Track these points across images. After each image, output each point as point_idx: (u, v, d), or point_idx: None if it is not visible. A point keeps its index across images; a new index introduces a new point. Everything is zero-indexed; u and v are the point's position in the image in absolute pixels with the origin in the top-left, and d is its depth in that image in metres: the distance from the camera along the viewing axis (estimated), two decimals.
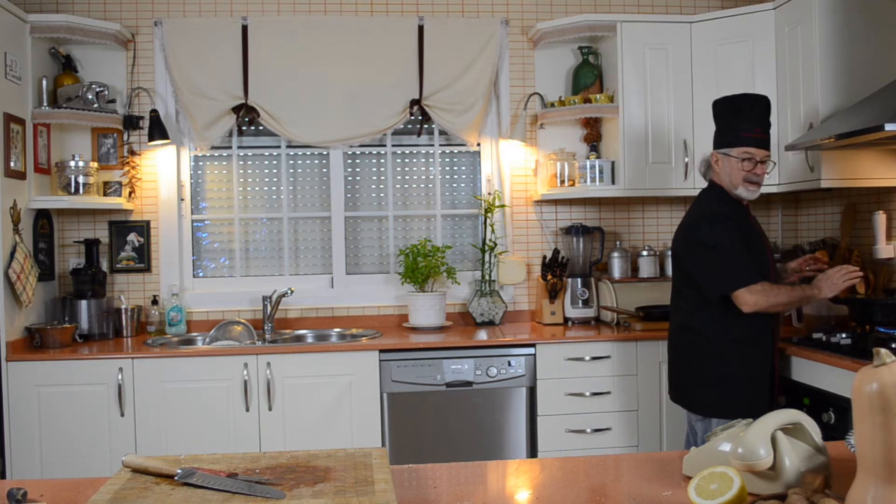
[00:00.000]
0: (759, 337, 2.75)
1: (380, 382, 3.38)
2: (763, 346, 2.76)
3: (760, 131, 2.74)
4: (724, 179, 2.78)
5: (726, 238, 2.71)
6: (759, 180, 2.75)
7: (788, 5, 3.39)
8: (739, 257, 2.69)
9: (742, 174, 2.74)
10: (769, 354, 2.78)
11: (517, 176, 4.10)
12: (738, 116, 2.76)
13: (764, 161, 2.76)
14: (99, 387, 3.28)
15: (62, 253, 3.86)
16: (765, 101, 2.80)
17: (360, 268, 4.15)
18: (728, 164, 2.77)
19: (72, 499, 1.30)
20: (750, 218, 2.86)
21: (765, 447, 1.18)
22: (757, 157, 2.73)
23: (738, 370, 2.73)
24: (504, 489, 1.38)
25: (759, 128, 2.74)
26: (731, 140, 2.77)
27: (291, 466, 1.34)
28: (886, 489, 1.03)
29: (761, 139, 2.75)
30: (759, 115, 2.75)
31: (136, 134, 3.89)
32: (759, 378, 2.76)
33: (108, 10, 3.89)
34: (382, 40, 3.96)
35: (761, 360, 2.76)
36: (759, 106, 2.77)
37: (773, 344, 2.79)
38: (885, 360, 1.05)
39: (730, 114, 2.79)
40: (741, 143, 2.73)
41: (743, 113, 2.75)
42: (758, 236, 2.83)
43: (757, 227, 2.88)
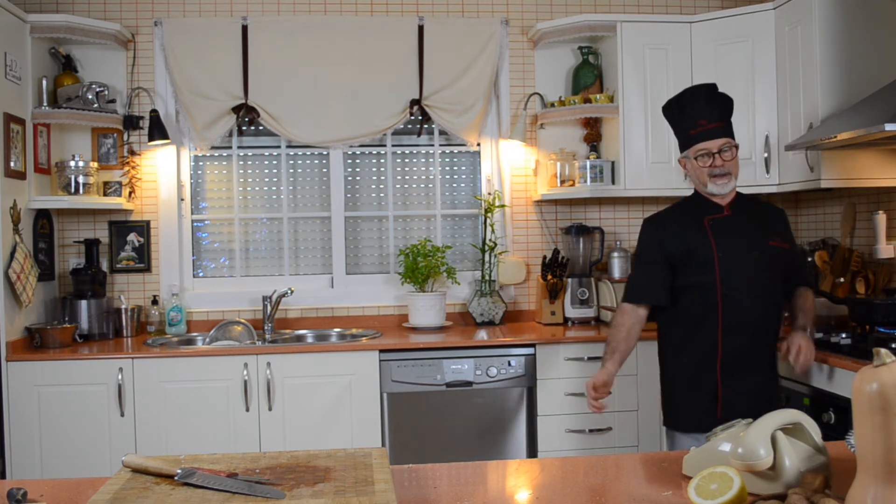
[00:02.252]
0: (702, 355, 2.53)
1: (380, 382, 3.38)
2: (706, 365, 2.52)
3: (706, 122, 2.54)
4: (694, 181, 2.63)
5: (643, 245, 2.66)
6: (725, 171, 2.53)
7: (788, 5, 3.39)
8: (642, 267, 2.62)
9: (704, 171, 2.54)
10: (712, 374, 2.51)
11: (517, 176, 4.10)
12: (682, 116, 2.61)
13: (725, 150, 2.53)
14: (99, 387, 3.28)
15: (62, 253, 3.86)
16: (704, 89, 2.61)
17: (360, 268, 4.15)
18: (691, 167, 2.60)
19: (72, 499, 1.30)
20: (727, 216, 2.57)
21: (765, 447, 1.18)
22: (713, 149, 2.52)
23: (683, 385, 2.57)
24: (504, 489, 1.38)
25: (703, 119, 2.54)
26: (683, 142, 2.61)
27: (291, 466, 1.34)
28: (886, 489, 1.03)
29: (710, 130, 2.54)
30: (702, 107, 2.56)
31: (136, 134, 3.89)
32: (703, 397, 2.52)
33: (108, 10, 3.89)
34: (382, 40, 3.96)
35: (705, 378, 2.52)
36: (700, 96, 2.58)
37: (716, 362, 2.51)
38: (885, 360, 1.05)
39: (676, 116, 2.66)
40: (691, 142, 2.57)
41: (685, 111, 2.60)
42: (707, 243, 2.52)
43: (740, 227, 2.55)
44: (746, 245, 2.53)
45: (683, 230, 2.58)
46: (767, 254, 2.53)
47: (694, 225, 2.57)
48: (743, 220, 2.58)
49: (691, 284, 2.55)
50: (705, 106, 2.56)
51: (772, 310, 2.57)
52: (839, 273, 3.49)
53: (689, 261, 2.54)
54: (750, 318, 2.51)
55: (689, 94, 2.60)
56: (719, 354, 2.51)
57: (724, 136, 2.53)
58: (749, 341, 2.52)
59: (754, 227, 2.57)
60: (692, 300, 2.56)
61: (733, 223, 2.56)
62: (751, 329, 2.53)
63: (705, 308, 2.52)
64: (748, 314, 2.51)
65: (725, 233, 2.54)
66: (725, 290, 2.50)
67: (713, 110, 2.55)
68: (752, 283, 2.51)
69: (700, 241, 2.54)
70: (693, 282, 2.54)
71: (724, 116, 2.57)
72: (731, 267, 2.50)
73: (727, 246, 2.53)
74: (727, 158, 2.52)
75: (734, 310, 2.49)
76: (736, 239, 2.54)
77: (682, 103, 2.61)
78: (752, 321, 2.52)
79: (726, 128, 2.56)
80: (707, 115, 2.54)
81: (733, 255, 2.52)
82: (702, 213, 2.59)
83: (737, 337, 2.51)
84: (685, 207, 2.67)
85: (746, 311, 2.50)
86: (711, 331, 2.52)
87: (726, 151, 2.52)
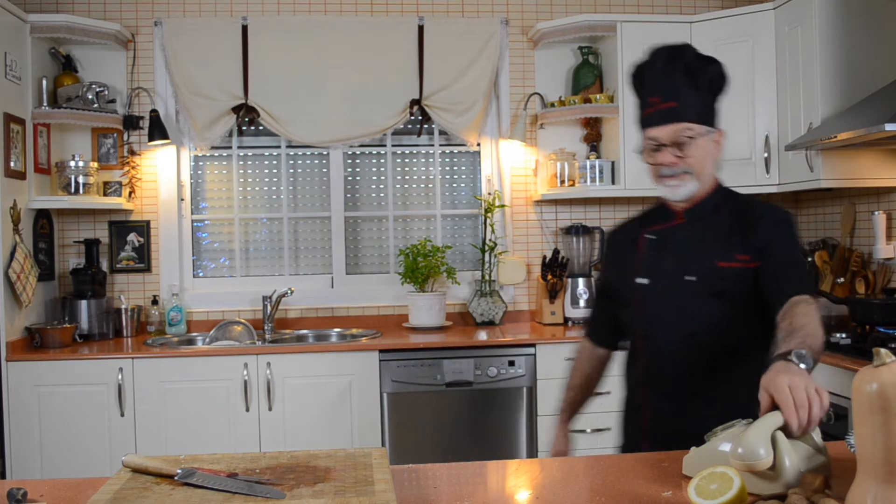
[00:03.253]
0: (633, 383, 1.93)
1: (380, 382, 3.38)
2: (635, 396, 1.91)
3: (659, 100, 1.79)
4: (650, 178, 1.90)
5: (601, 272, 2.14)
6: (676, 170, 1.77)
7: (788, 5, 3.39)
8: (596, 300, 2.12)
9: (653, 169, 1.84)
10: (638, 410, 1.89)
11: (517, 176, 4.10)
12: (642, 88, 1.88)
13: (676, 143, 1.76)
14: (99, 387, 3.27)
15: (62, 253, 3.86)
16: (664, 52, 1.82)
17: (360, 268, 4.15)
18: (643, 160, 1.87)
19: (72, 499, 1.30)
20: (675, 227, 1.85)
21: (765, 447, 1.18)
22: (661, 139, 1.78)
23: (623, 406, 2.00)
24: (504, 489, 1.38)
25: (656, 96, 1.80)
26: (640, 126, 1.88)
27: (291, 466, 1.34)
28: (886, 489, 1.03)
29: (661, 112, 1.78)
30: (658, 78, 1.81)
31: (136, 134, 3.89)
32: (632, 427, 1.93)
33: (108, 10, 3.89)
34: (382, 40, 3.96)
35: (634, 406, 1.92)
36: (658, 63, 1.82)
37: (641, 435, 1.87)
38: (885, 360, 1.05)
39: (636, 88, 1.91)
40: (642, 126, 1.85)
41: (645, 82, 1.86)
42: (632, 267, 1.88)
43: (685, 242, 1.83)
44: (678, 268, 1.79)
45: (622, 249, 1.96)
46: (710, 279, 1.75)
47: (632, 241, 1.93)
48: (697, 231, 1.82)
49: (623, 322, 1.94)
50: (661, 77, 1.81)
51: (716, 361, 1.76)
52: (839, 273, 3.49)
53: (616, 292, 1.94)
54: (677, 373, 1.78)
55: (651, 56, 1.86)
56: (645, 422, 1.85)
57: (679, 121, 1.76)
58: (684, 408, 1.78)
59: (707, 242, 1.79)
60: (627, 342, 1.96)
61: (677, 237, 1.84)
62: (683, 391, 1.78)
63: (632, 354, 1.91)
64: (673, 368, 1.78)
65: (659, 252, 1.84)
66: (644, 332, 1.83)
67: (670, 84, 1.78)
68: (680, 323, 1.77)
69: (629, 264, 1.90)
70: (622, 319, 1.93)
71: (687, 92, 1.78)
72: (653, 300, 1.82)
73: (654, 270, 1.83)
74: (682, 154, 1.77)
75: (655, 361, 1.82)
76: (668, 260, 1.82)
77: (642, 70, 1.88)
78: (682, 378, 1.78)
79: (687, 108, 1.77)
80: (663, 91, 1.79)
81: (659, 282, 1.82)
82: (648, 224, 1.92)
83: (665, 400, 1.81)
84: (646, 213, 1.99)
85: (669, 364, 1.79)
86: (638, 385, 1.88)
87: (684, 144, 1.76)
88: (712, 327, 1.75)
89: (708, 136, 1.78)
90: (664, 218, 1.89)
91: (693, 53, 1.81)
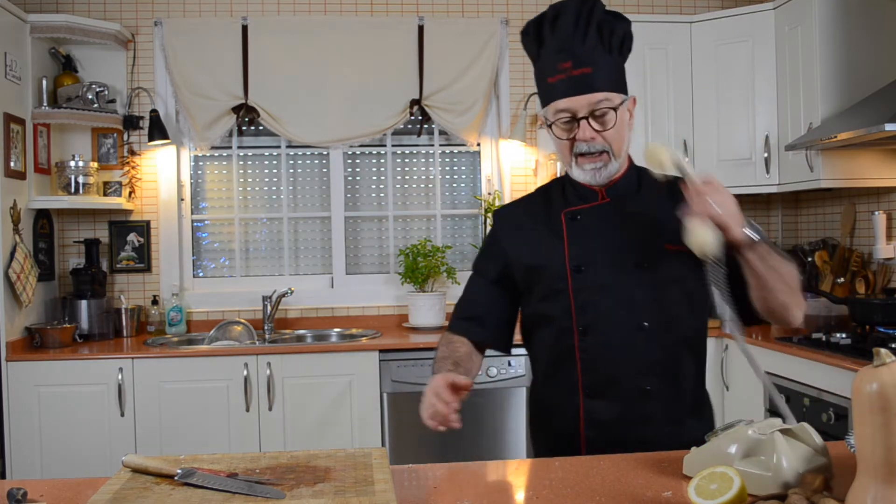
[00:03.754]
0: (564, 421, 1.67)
1: (380, 382, 3.38)
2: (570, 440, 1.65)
3: (572, 66, 1.53)
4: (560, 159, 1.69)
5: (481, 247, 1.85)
6: (596, 147, 1.56)
7: (788, 5, 3.39)
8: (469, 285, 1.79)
9: (566, 145, 1.59)
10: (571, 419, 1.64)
11: (517, 176, 4.10)
12: (541, 48, 1.60)
13: (600, 113, 1.54)
14: (99, 387, 3.27)
15: (62, 253, 3.86)
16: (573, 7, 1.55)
17: (360, 268, 4.15)
18: (551, 135, 1.63)
19: (72, 499, 1.30)
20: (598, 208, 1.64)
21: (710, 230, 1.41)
22: (578, 112, 1.54)
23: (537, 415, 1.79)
24: (504, 489, 1.38)
25: (566, 61, 1.53)
26: (541, 95, 1.63)
27: (291, 466, 1.34)
28: (886, 489, 1.03)
29: (574, 80, 1.53)
30: (567, 38, 1.54)
31: (136, 134, 3.89)
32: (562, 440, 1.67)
33: (108, 10, 3.89)
34: (382, 40, 3.96)
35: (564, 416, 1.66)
36: (566, 19, 1.54)
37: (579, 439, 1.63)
38: (885, 360, 1.05)
39: (533, 49, 1.63)
40: (548, 97, 1.59)
41: (547, 42, 1.58)
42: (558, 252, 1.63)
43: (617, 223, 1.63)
44: (620, 254, 1.60)
45: (532, 230, 1.70)
46: (660, 264, 1.57)
47: (546, 222, 1.68)
48: (627, 212, 1.63)
49: (541, 316, 1.68)
50: (572, 36, 1.54)
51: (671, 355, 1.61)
52: (839, 273, 3.49)
53: (534, 280, 1.67)
54: (623, 373, 1.59)
55: (552, 14, 1.58)
56: (581, 430, 1.63)
57: (596, 90, 1.53)
58: (632, 413, 1.60)
59: (645, 224, 1.60)
60: (544, 338, 1.68)
61: (606, 218, 1.63)
62: (632, 393, 1.59)
63: (559, 354, 1.64)
64: (620, 367, 1.59)
65: (589, 234, 1.63)
66: (583, 326, 1.60)
67: (582, 46, 1.53)
68: (626, 315, 1.58)
69: (550, 248, 1.65)
70: (542, 312, 1.67)
71: (601, 56, 1.54)
72: (592, 290, 1.60)
73: (588, 255, 1.61)
74: (601, 126, 1.55)
75: (596, 361, 1.60)
76: (604, 243, 1.62)
77: (540, 27, 1.60)
78: (631, 378, 1.59)
79: (603, 75, 1.54)
80: (573, 54, 1.53)
81: (597, 269, 1.60)
82: (564, 203, 1.68)
83: (606, 404, 1.60)
84: (548, 193, 1.76)
85: (614, 363, 1.59)
86: (570, 391, 1.63)
87: (602, 115, 1.54)
88: (664, 318, 1.58)
89: (623, 106, 1.57)
90: (580, 197, 1.66)
91: (602, 9, 1.56)
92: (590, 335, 1.59)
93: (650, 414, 1.59)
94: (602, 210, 1.64)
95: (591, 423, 1.61)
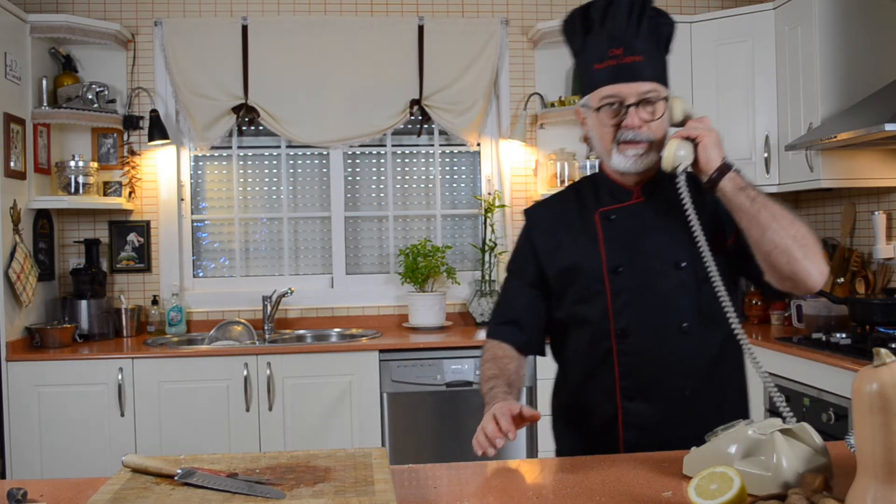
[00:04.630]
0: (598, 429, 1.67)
1: (380, 382, 3.38)
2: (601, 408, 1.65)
3: (623, 52, 1.53)
4: (597, 149, 1.64)
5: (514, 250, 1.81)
6: (641, 136, 1.54)
7: (788, 5, 3.39)
8: (505, 285, 1.80)
9: (609, 132, 1.56)
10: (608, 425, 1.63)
11: (517, 176, 4.10)
12: (589, 34, 1.59)
13: (649, 102, 1.54)
14: (99, 387, 3.28)
15: (62, 253, 3.86)
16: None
17: (360, 268, 4.15)
18: (592, 122, 1.61)
19: (72, 499, 1.30)
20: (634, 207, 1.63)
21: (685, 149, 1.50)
22: (627, 98, 1.53)
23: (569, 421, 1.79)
24: (504, 489, 1.38)
25: (619, 46, 1.53)
26: (587, 82, 1.61)
27: (291, 466, 1.34)
28: (886, 489, 1.03)
29: (625, 67, 1.53)
30: (619, 26, 1.54)
31: (136, 134, 3.89)
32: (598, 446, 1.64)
33: (108, 10, 3.89)
34: (382, 40, 3.96)
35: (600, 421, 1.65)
36: (619, 9, 1.55)
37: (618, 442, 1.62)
38: (885, 360, 1.05)
39: (578, 38, 1.62)
40: (595, 82, 1.57)
41: (593, 30, 1.58)
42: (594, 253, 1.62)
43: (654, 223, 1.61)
44: (661, 253, 1.59)
45: (566, 231, 1.68)
46: (698, 263, 1.51)
47: (580, 222, 1.67)
48: (661, 211, 1.61)
49: (576, 318, 1.66)
50: (625, 25, 1.54)
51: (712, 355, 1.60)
52: (839, 273, 3.49)
53: (568, 282, 1.65)
54: (664, 375, 1.58)
55: (602, 3, 1.57)
56: (620, 433, 1.61)
57: (648, 79, 1.54)
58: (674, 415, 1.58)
59: (679, 221, 1.53)
60: (579, 341, 1.66)
61: (641, 217, 1.62)
62: (673, 395, 1.58)
63: (595, 358, 1.63)
64: (659, 370, 1.58)
65: (625, 234, 1.61)
66: (621, 329, 1.58)
67: (638, 34, 1.54)
68: (668, 316, 1.58)
69: (585, 249, 1.63)
70: (578, 315, 1.65)
71: (652, 48, 1.56)
72: (632, 291, 1.59)
73: (626, 256, 1.60)
74: (649, 116, 1.54)
75: (635, 364, 1.58)
76: (641, 243, 1.60)
77: (588, 17, 1.60)
78: (671, 381, 1.58)
79: (653, 66, 1.55)
80: (625, 42, 1.53)
81: (635, 270, 1.59)
82: (597, 202, 1.67)
83: (647, 406, 1.59)
84: (579, 192, 1.73)
85: (654, 365, 1.58)
86: (607, 393, 1.61)
87: (651, 104, 1.54)
88: (704, 318, 1.57)
89: (666, 105, 1.57)
90: (613, 196, 1.65)
91: (652, 5, 1.57)
92: (629, 338, 1.58)
93: (692, 415, 1.57)
94: (637, 209, 1.63)
95: (630, 425, 1.60)
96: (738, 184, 1.47)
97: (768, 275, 1.50)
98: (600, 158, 1.66)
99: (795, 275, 1.46)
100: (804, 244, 1.45)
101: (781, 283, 1.50)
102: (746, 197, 1.46)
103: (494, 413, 1.47)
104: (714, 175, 1.48)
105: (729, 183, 1.47)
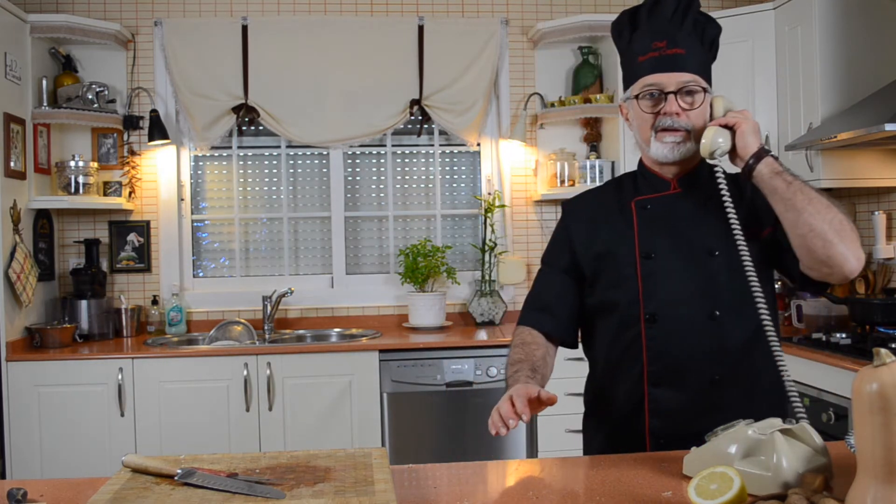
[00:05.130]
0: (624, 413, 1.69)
1: (380, 382, 3.38)
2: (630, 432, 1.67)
3: (666, 45, 1.60)
4: (637, 139, 1.71)
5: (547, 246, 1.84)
6: (680, 124, 1.58)
7: (788, 5, 3.39)
8: (539, 277, 1.81)
9: (648, 119, 1.62)
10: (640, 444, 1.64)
11: (517, 176, 4.10)
12: (635, 31, 1.68)
13: (689, 92, 1.58)
14: (99, 387, 3.27)
15: (62, 253, 3.86)
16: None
17: (360, 268, 4.15)
18: (633, 114, 1.68)
19: (72, 499, 1.30)
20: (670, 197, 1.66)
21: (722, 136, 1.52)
22: (667, 87, 1.58)
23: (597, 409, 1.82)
24: (504, 489, 1.38)
25: (662, 41, 1.60)
26: (630, 74, 1.68)
27: (291, 466, 1.34)
28: (886, 489, 1.03)
29: (667, 58, 1.59)
30: (663, 21, 1.62)
31: (136, 134, 3.89)
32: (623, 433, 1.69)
33: (108, 10, 3.89)
34: (382, 40, 3.96)
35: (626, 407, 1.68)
36: (666, 7, 1.63)
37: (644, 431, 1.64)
38: (885, 360, 1.05)
39: (625, 37, 1.71)
40: (637, 73, 1.64)
41: (641, 26, 1.66)
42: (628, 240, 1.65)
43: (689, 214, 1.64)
44: (694, 241, 1.61)
45: (602, 220, 1.72)
46: (732, 253, 1.52)
47: (617, 211, 1.71)
48: (698, 202, 1.64)
49: (606, 304, 1.69)
50: (670, 21, 1.62)
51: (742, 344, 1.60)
52: None
53: (602, 268, 1.69)
54: (692, 362, 1.59)
55: (651, 1, 1.65)
56: (646, 420, 1.62)
57: (689, 71, 1.59)
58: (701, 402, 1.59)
59: (715, 212, 1.58)
60: (608, 328, 1.69)
61: (678, 208, 1.65)
62: (701, 382, 1.59)
63: (623, 343, 1.65)
64: (690, 355, 1.59)
65: (661, 223, 1.64)
66: (650, 314, 1.60)
67: (680, 31, 1.61)
68: (699, 303, 1.59)
69: (620, 236, 1.67)
70: (607, 300, 1.68)
71: (695, 44, 1.62)
72: (663, 277, 1.61)
73: (659, 243, 1.63)
74: (688, 105, 1.59)
75: (663, 350, 1.60)
76: (675, 231, 1.63)
77: (636, 16, 1.68)
78: (701, 366, 1.58)
79: (695, 60, 1.61)
80: (668, 35, 1.60)
81: (667, 256, 1.62)
82: (635, 193, 1.71)
83: (673, 393, 1.60)
84: (619, 184, 1.79)
85: (684, 351, 1.59)
86: (634, 379, 1.63)
87: (690, 95, 1.59)
88: (736, 306, 1.57)
89: (706, 98, 1.61)
90: (652, 187, 1.69)
91: (698, 7, 1.65)
92: (658, 322, 1.60)
93: (720, 403, 1.57)
94: (673, 199, 1.66)
95: (656, 412, 1.61)
96: (774, 168, 1.50)
97: (804, 262, 1.51)
98: (640, 148, 1.71)
99: (831, 259, 1.46)
100: (840, 229, 1.45)
101: (818, 269, 1.50)
102: (782, 181, 1.49)
103: (511, 394, 1.50)
104: (751, 161, 1.51)
105: (765, 167, 1.50)
